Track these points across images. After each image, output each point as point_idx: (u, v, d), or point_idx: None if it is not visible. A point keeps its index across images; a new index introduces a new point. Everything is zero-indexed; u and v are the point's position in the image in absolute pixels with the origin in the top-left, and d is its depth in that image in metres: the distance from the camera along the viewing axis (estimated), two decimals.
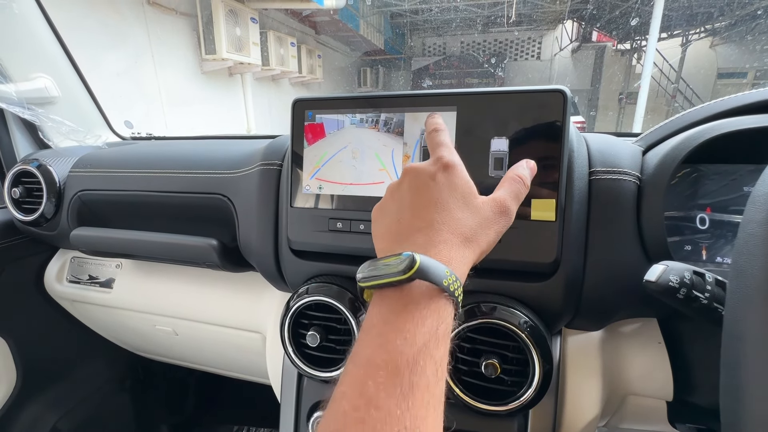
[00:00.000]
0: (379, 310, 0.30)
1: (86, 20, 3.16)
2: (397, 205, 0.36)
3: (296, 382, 0.62)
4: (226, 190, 0.65)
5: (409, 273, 0.28)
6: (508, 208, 0.36)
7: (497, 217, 0.35)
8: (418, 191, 0.35)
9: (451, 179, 0.35)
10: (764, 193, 0.28)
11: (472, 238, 0.33)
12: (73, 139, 0.92)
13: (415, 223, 0.34)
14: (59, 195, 0.78)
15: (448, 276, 0.29)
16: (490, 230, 0.35)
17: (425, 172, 0.36)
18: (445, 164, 0.35)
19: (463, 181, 0.35)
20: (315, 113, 0.53)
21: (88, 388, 1.07)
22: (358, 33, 7.71)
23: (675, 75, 9.05)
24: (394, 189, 0.38)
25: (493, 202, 0.36)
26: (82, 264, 0.89)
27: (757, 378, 0.26)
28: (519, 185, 0.38)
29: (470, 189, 0.35)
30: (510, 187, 0.37)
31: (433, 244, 0.32)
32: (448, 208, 0.34)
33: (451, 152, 0.37)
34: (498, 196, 0.36)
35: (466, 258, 0.32)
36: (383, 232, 0.36)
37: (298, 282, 0.58)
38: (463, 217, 0.34)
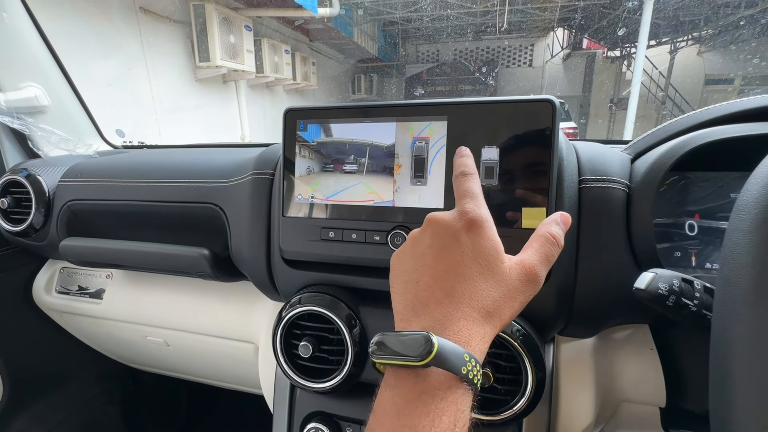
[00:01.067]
0: (392, 394, 0.28)
1: (79, 29, 3.15)
2: (417, 262, 0.33)
3: (289, 393, 0.61)
4: (218, 200, 0.65)
5: (426, 360, 0.26)
6: (537, 275, 0.33)
7: (524, 286, 0.32)
8: (440, 252, 0.32)
9: (477, 240, 0.32)
10: (748, 202, 0.28)
11: (494, 312, 0.31)
12: (64, 148, 0.91)
13: (434, 292, 0.31)
14: (48, 205, 0.77)
15: (468, 362, 0.27)
16: (515, 302, 0.32)
17: (449, 229, 0.33)
18: (470, 221, 0.32)
19: (490, 242, 0.32)
20: (306, 123, 0.53)
21: (78, 400, 1.05)
22: (351, 40, 7.76)
23: (664, 81, 9.21)
24: (416, 240, 0.35)
25: (521, 267, 0.32)
26: (72, 274, 0.88)
27: (745, 386, 0.26)
28: (552, 247, 0.34)
29: (497, 252, 0.32)
30: (541, 249, 0.34)
31: (452, 321, 0.29)
32: (470, 277, 0.31)
33: (478, 205, 0.34)
34: (527, 260, 0.33)
35: (486, 335, 0.30)
36: (401, 290, 0.34)
37: (290, 292, 0.58)
38: (487, 288, 0.31)
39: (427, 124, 0.48)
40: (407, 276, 0.33)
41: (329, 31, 7.07)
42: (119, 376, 1.12)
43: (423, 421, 0.26)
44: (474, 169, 0.37)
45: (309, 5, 5.33)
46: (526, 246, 0.35)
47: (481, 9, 7.70)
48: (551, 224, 0.36)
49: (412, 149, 0.49)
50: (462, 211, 0.33)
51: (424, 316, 0.30)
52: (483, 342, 0.30)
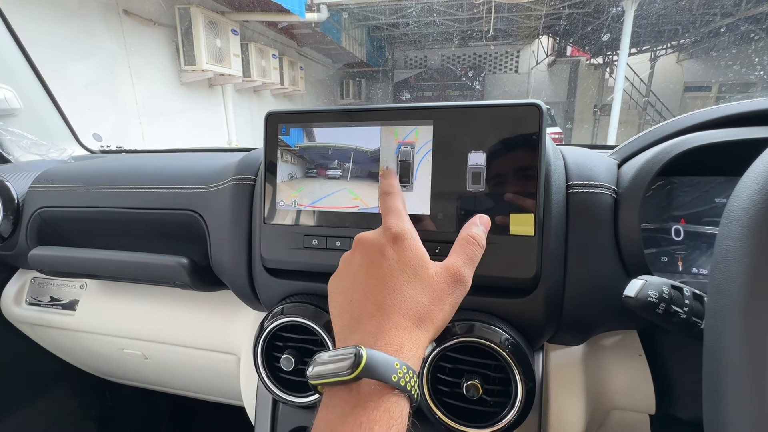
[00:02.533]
0: (327, 413, 0.29)
1: (60, 31, 3.08)
2: (349, 282, 0.35)
3: (271, 407, 0.59)
4: (197, 206, 0.62)
5: (355, 372, 0.27)
6: (463, 276, 0.35)
7: (451, 288, 0.34)
8: (368, 268, 0.34)
9: (401, 251, 0.34)
10: (738, 209, 0.28)
11: (425, 317, 0.32)
12: (35, 152, 0.87)
13: (365, 308, 0.32)
14: (17, 212, 0.73)
15: (398, 369, 0.28)
16: (445, 304, 0.33)
17: (375, 246, 0.35)
18: (394, 235, 0.34)
19: (414, 251, 0.34)
20: (289, 127, 0.52)
21: (52, 416, 1.00)
22: (339, 45, 7.76)
23: (645, 88, 9.45)
24: (348, 261, 0.37)
25: (445, 271, 0.34)
26: (43, 285, 0.84)
27: (738, 397, 0.26)
28: (473, 247, 0.36)
29: (421, 260, 0.34)
30: (463, 251, 0.36)
31: (383, 331, 0.30)
32: (398, 287, 0.32)
33: (400, 219, 0.36)
34: (451, 263, 0.35)
35: (419, 340, 0.31)
36: (338, 312, 0.35)
37: (272, 301, 0.56)
38: (415, 295, 0.32)
39: (413, 128, 0.47)
40: (342, 297, 0.35)
41: (317, 36, 7.06)
42: (96, 390, 1.07)
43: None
44: (398, 188, 0.41)
45: (297, 10, 5.31)
46: (451, 251, 0.37)
47: (468, 16, 7.80)
48: (471, 226, 0.39)
49: (397, 154, 0.48)
50: (386, 227, 0.36)
51: (358, 331, 0.31)
52: (416, 347, 0.31)
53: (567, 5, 7.25)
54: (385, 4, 7.27)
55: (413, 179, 0.47)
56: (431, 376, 0.46)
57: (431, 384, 0.46)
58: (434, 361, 0.45)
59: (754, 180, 0.28)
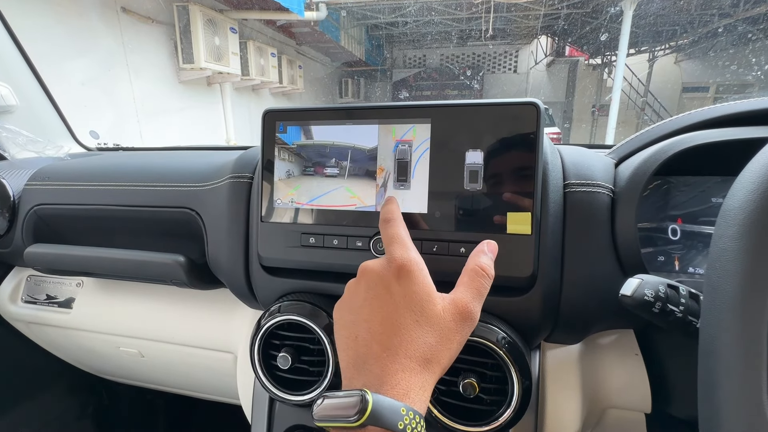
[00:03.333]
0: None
1: (55, 28, 3.06)
2: (354, 317, 0.34)
3: (268, 406, 0.59)
4: (194, 204, 0.62)
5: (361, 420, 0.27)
6: (471, 312, 0.33)
7: (459, 326, 0.33)
8: (374, 304, 0.33)
9: (408, 286, 0.33)
10: (734, 207, 0.28)
11: (431, 359, 0.31)
12: (32, 150, 0.87)
13: (371, 348, 0.32)
14: (13, 210, 0.73)
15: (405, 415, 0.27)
16: (453, 343, 0.32)
17: (381, 279, 0.34)
18: (399, 267, 0.33)
19: (421, 286, 0.33)
20: (286, 124, 0.52)
21: (47, 415, 1.00)
22: (338, 44, 7.75)
23: (643, 89, 9.48)
24: (352, 292, 0.36)
25: (453, 307, 0.33)
26: (40, 283, 0.83)
27: (733, 396, 0.26)
28: (482, 279, 0.35)
29: (428, 295, 0.33)
30: (472, 284, 0.35)
31: (389, 374, 0.30)
32: (404, 326, 0.31)
33: (405, 250, 0.35)
34: (459, 298, 0.34)
35: (426, 383, 0.30)
36: (344, 347, 0.34)
37: (269, 300, 0.56)
38: (422, 335, 0.31)
39: (411, 126, 0.47)
40: (347, 331, 0.34)
41: (316, 35, 7.06)
42: (92, 388, 1.07)
43: None
44: (398, 214, 0.39)
45: (296, 8, 5.31)
46: (458, 282, 0.36)
47: (467, 15, 7.80)
48: (479, 255, 0.37)
49: (395, 152, 0.47)
50: (391, 258, 0.34)
51: (364, 372, 0.31)
52: (423, 391, 0.30)
53: (566, 5, 7.26)
54: (384, 3, 7.27)
55: (411, 177, 0.47)
56: None
57: None
58: None
59: (749, 179, 0.28)
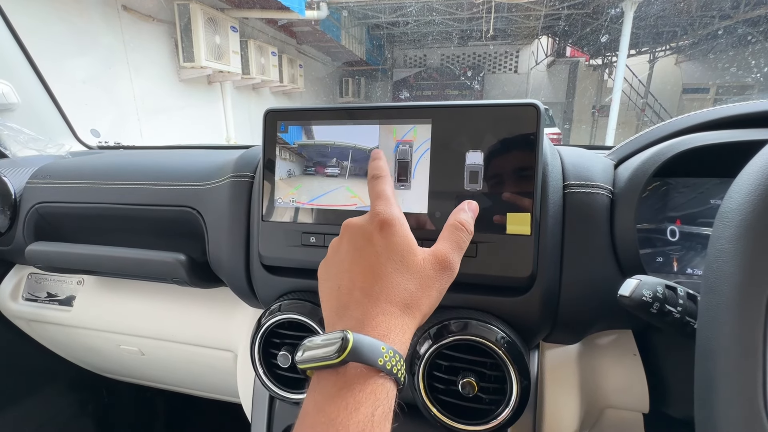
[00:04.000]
0: (314, 395, 0.29)
1: (56, 26, 3.06)
2: (337, 269, 0.35)
3: (268, 404, 0.59)
4: (195, 203, 0.62)
5: (341, 356, 0.28)
6: (450, 263, 0.35)
7: (438, 275, 0.34)
8: (356, 255, 0.34)
9: (389, 238, 0.34)
10: (732, 209, 0.28)
11: (412, 304, 0.32)
12: (33, 148, 0.87)
13: (352, 294, 0.33)
14: (15, 207, 0.73)
15: (385, 353, 0.28)
16: (432, 290, 0.34)
17: (363, 232, 0.35)
18: (382, 221, 0.34)
19: (402, 238, 0.34)
20: (288, 124, 0.52)
21: (47, 413, 1.00)
22: (339, 44, 7.75)
23: (644, 90, 9.48)
24: (335, 248, 0.37)
25: (433, 257, 0.34)
26: (40, 281, 0.84)
27: (729, 395, 0.26)
28: (461, 233, 0.37)
29: (409, 246, 0.34)
30: (451, 237, 0.36)
31: (370, 317, 0.31)
32: (385, 273, 0.33)
33: (388, 204, 0.36)
34: (439, 249, 0.35)
35: (406, 326, 0.32)
36: (326, 297, 0.35)
37: (270, 298, 0.56)
38: (402, 281, 0.33)
39: (411, 127, 0.47)
40: (330, 283, 0.35)
41: (317, 34, 7.05)
42: (92, 386, 1.07)
43: (341, 414, 0.27)
44: (386, 171, 0.40)
45: (297, 7, 5.30)
46: (439, 237, 0.37)
47: (468, 15, 7.80)
48: (459, 212, 0.38)
49: (395, 153, 0.48)
50: (374, 213, 0.35)
51: (346, 318, 0.32)
52: (402, 333, 0.31)
53: (566, 6, 7.26)
54: (384, 3, 7.26)
55: (411, 178, 0.47)
56: (427, 373, 0.46)
57: (427, 381, 0.46)
58: (430, 359, 0.46)
59: (747, 181, 0.28)
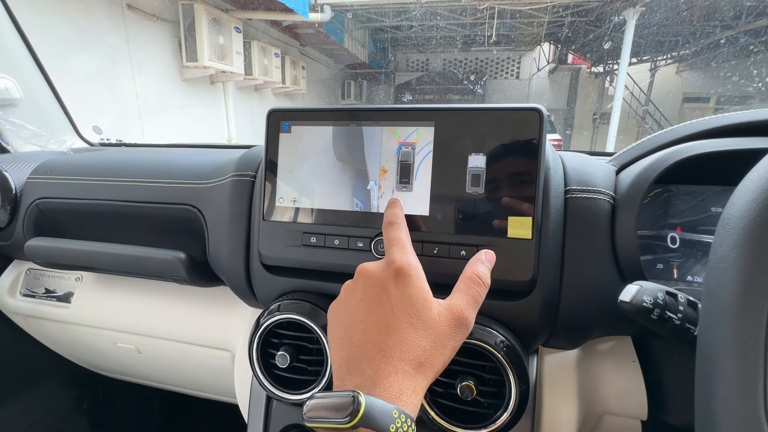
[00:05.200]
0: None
1: (61, 23, 3.07)
2: (350, 318, 0.34)
3: (265, 404, 0.59)
4: (196, 201, 0.62)
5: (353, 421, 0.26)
6: (466, 319, 0.34)
7: (453, 332, 0.33)
8: (371, 304, 0.33)
9: (404, 290, 0.33)
10: (734, 216, 0.28)
11: (425, 362, 0.31)
12: (35, 143, 0.87)
13: (365, 348, 0.32)
14: (15, 202, 0.73)
15: (397, 418, 0.27)
16: (446, 348, 0.32)
17: (378, 280, 0.34)
18: (398, 270, 0.34)
19: (418, 290, 0.33)
20: (291, 124, 0.52)
21: (42, 409, 0.99)
22: (342, 46, 7.77)
23: (644, 98, 9.51)
24: (349, 292, 0.36)
25: (449, 313, 0.33)
26: (39, 276, 0.83)
27: (729, 402, 0.26)
28: (478, 287, 0.36)
29: (424, 300, 0.33)
30: (468, 291, 0.35)
31: (382, 377, 0.30)
32: (399, 329, 0.32)
33: (405, 253, 0.35)
34: (455, 304, 0.34)
35: (418, 386, 0.31)
36: (336, 347, 0.34)
37: (269, 298, 0.56)
38: (416, 338, 0.31)
39: (414, 129, 0.47)
40: (341, 331, 0.34)
41: (320, 36, 7.08)
42: (88, 383, 1.06)
43: None
44: (402, 218, 0.40)
45: (300, 10, 5.32)
46: (455, 289, 0.36)
47: (471, 20, 7.83)
48: (477, 264, 0.38)
49: (398, 154, 0.48)
50: (390, 260, 0.35)
51: (356, 373, 0.31)
52: (415, 395, 0.30)
53: (569, 13, 7.30)
54: (388, 7, 7.29)
55: (413, 180, 0.47)
56: None
57: None
58: None
59: (749, 188, 0.28)
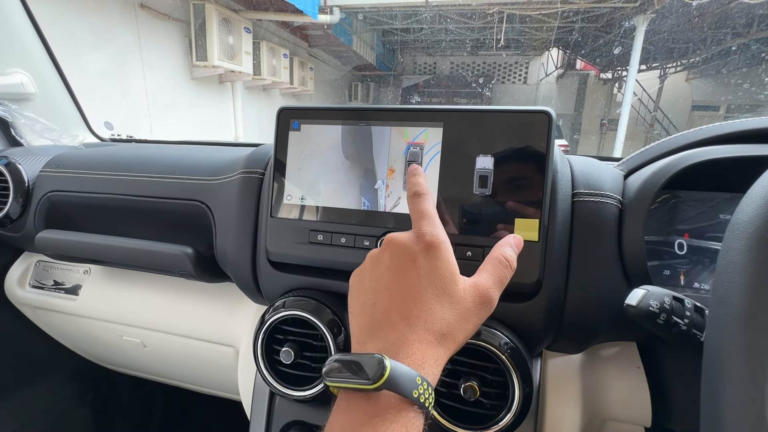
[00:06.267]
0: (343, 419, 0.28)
1: (75, 19, 3.11)
2: (375, 284, 0.34)
3: (268, 401, 0.59)
4: (205, 197, 0.63)
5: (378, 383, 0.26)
6: (491, 298, 0.34)
7: (478, 308, 0.33)
8: (398, 273, 0.33)
9: (433, 263, 0.33)
10: (743, 221, 0.28)
11: (448, 335, 0.31)
12: (48, 137, 0.88)
13: (389, 315, 0.31)
14: (27, 195, 0.74)
15: (420, 385, 0.27)
16: (469, 324, 0.32)
17: (407, 250, 0.34)
18: (428, 244, 0.33)
19: (446, 264, 0.33)
20: (300, 123, 0.52)
21: (46, 401, 1.00)
22: (350, 48, 7.81)
23: (653, 104, 9.45)
24: (375, 260, 0.36)
25: (475, 290, 0.33)
26: (48, 269, 0.85)
27: (736, 408, 0.26)
28: (505, 269, 0.36)
29: (452, 274, 0.33)
30: (495, 272, 0.35)
31: (406, 344, 0.30)
32: (425, 299, 0.31)
33: (434, 226, 0.35)
34: (481, 282, 0.34)
35: (440, 357, 0.31)
36: (358, 311, 0.34)
37: (275, 295, 0.56)
38: (441, 311, 0.31)
39: (423, 129, 0.48)
40: (365, 297, 0.34)
41: (328, 38, 7.11)
42: (92, 376, 1.07)
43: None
44: (427, 188, 0.39)
45: (310, 11, 5.36)
46: (481, 268, 0.36)
47: (480, 24, 7.83)
48: (505, 247, 0.38)
49: (406, 155, 0.48)
50: (419, 233, 0.34)
51: (379, 338, 0.31)
52: (436, 365, 0.30)
53: (578, 18, 7.28)
54: (397, 9, 7.32)
55: None
56: None
57: None
58: None
59: (759, 194, 0.28)
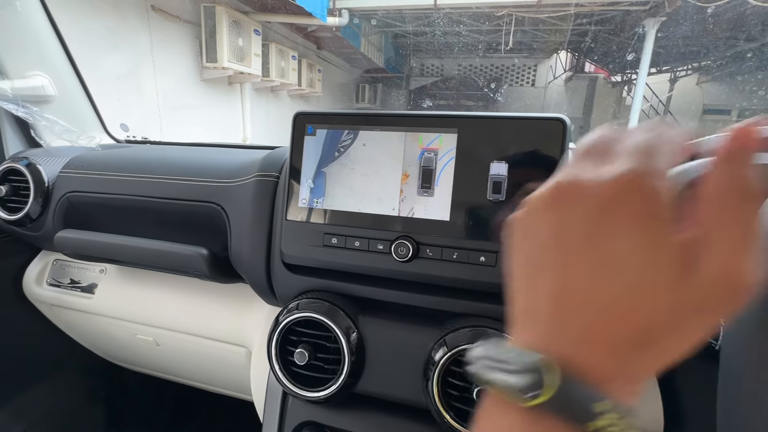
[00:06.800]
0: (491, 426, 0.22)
1: (90, 23, 3.17)
2: (561, 250, 0.21)
3: (280, 401, 0.60)
4: (220, 199, 0.64)
5: (536, 400, 0.18)
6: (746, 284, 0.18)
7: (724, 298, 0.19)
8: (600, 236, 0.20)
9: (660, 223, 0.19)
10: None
11: (660, 335, 0.19)
12: (66, 139, 0.90)
13: (584, 314, 0.20)
14: (47, 195, 0.76)
15: (599, 414, 0.18)
16: (703, 320, 0.19)
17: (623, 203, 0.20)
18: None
19: None
20: (315, 127, 0.53)
21: (59, 397, 1.02)
22: (359, 50, 7.84)
23: (663, 108, 9.36)
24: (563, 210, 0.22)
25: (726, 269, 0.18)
26: (65, 267, 0.86)
27: (753, 417, 0.26)
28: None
29: None
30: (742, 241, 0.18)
31: (594, 345, 0.19)
32: (642, 278, 0.19)
33: None
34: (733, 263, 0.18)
35: (640, 372, 0.20)
36: (525, 287, 0.23)
37: (288, 297, 0.57)
38: (662, 294, 0.19)
39: (437, 135, 0.48)
40: (538, 266, 0.22)
41: (337, 40, 7.15)
42: (104, 374, 1.09)
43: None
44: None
45: (318, 14, 5.40)
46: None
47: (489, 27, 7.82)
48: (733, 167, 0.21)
49: (420, 160, 0.49)
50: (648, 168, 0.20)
51: (563, 334, 0.21)
52: (633, 384, 0.21)
53: (588, 22, 7.24)
54: (405, 12, 7.34)
55: (435, 185, 0.48)
56: (442, 380, 0.46)
57: (441, 388, 0.46)
58: (445, 366, 0.46)
59: None
